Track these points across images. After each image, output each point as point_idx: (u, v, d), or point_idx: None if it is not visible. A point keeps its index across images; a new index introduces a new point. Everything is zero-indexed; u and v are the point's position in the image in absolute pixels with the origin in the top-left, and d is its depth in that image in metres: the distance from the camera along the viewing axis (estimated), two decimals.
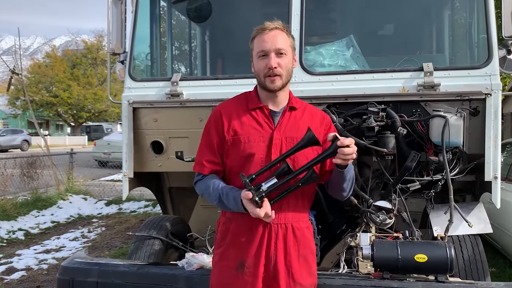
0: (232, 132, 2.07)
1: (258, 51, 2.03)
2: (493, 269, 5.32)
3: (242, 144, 2.04)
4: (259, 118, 2.08)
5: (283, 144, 2.03)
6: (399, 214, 3.23)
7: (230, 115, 2.10)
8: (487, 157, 3.07)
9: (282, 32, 2.04)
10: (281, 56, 2.02)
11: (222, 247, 2.11)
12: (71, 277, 2.85)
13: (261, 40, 2.03)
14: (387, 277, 2.56)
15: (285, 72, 2.04)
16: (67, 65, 44.60)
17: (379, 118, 3.12)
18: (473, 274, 3.04)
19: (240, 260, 2.03)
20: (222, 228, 2.14)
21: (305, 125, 2.07)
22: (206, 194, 2.11)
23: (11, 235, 7.64)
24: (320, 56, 3.56)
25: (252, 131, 2.05)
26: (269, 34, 2.02)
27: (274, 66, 1.99)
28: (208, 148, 2.13)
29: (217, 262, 2.14)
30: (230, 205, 1.99)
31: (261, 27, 2.05)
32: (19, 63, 13.23)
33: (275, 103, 2.11)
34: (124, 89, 3.78)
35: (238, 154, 2.04)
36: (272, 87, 2.03)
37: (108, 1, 3.98)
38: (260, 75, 2.05)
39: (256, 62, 2.07)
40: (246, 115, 2.10)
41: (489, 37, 3.18)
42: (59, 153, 12.32)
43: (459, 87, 3.14)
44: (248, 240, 2.03)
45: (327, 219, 3.56)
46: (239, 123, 2.07)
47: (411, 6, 4.09)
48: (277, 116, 2.10)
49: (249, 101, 2.14)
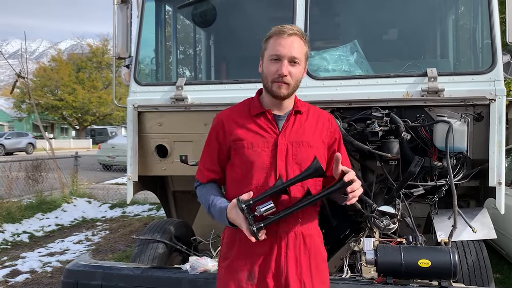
0: (234, 139, 1.99)
1: (272, 54, 1.93)
2: (497, 275, 5.29)
3: (245, 151, 1.96)
4: (263, 123, 2.00)
5: (289, 149, 1.96)
6: (402, 219, 3.23)
7: (232, 122, 2.03)
8: (491, 163, 3.07)
9: (300, 40, 1.95)
10: (294, 64, 1.93)
11: (229, 259, 2.00)
12: (76, 280, 2.86)
13: (277, 44, 1.92)
14: (390, 282, 2.56)
15: (294, 82, 1.95)
16: (72, 68, 44.93)
17: (383, 123, 3.12)
18: (477, 280, 3.03)
19: (249, 272, 1.93)
20: (228, 239, 2.04)
21: (310, 128, 2.02)
22: (202, 203, 2.11)
23: (16, 238, 7.67)
24: (324, 61, 3.57)
25: (256, 137, 1.97)
26: (287, 39, 1.92)
27: (285, 74, 1.90)
28: (208, 156, 2.11)
29: (223, 275, 2.02)
30: (218, 219, 1.95)
31: (279, 29, 1.94)
32: (25, 67, 13.34)
33: (279, 108, 2.03)
34: (129, 93, 3.81)
35: (242, 161, 1.97)
36: (278, 93, 1.94)
37: (114, 6, 4.01)
38: (268, 78, 1.96)
39: (266, 64, 1.97)
40: (248, 121, 2.01)
41: (493, 43, 3.18)
42: (64, 156, 12.37)
43: (463, 93, 3.14)
44: (257, 251, 1.93)
45: (331, 224, 3.56)
46: (242, 130, 2.00)
47: (415, 11, 4.10)
48: (282, 120, 2.01)
49: (251, 107, 2.05)
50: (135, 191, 3.80)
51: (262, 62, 2.01)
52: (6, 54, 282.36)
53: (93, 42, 50.23)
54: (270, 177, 1.94)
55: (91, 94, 43.57)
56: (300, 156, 1.98)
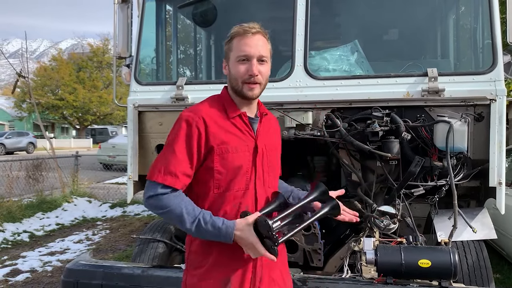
0: (218, 141, 1.87)
1: (239, 54, 1.88)
2: (497, 275, 5.29)
3: (230, 155, 1.88)
4: (241, 126, 1.94)
5: (264, 152, 1.96)
6: (403, 219, 3.23)
7: (214, 123, 1.90)
8: (492, 163, 3.07)
9: (264, 38, 1.92)
10: (262, 63, 1.91)
11: (204, 267, 1.91)
12: (76, 279, 2.87)
13: (243, 44, 1.88)
14: (391, 282, 2.56)
15: (264, 81, 1.94)
16: (72, 68, 44.97)
17: (383, 123, 3.12)
18: (477, 280, 3.03)
19: (226, 278, 1.88)
20: (202, 248, 1.92)
21: (274, 134, 2.08)
22: (171, 214, 1.82)
23: (16, 237, 7.68)
24: (324, 61, 3.57)
25: (238, 141, 1.91)
26: (252, 38, 1.88)
27: (256, 73, 1.87)
28: (186, 158, 1.86)
29: (196, 283, 1.93)
30: (210, 235, 1.80)
31: (243, 28, 1.90)
32: (26, 66, 13.35)
33: (250, 110, 1.99)
34: (130, 92, 3.81)
35: (226, 166, 1.88)
36: (250, 95, 1.91)
37: (115, 6, 4.02)
38: (238, 80, 1.90)
39: (233, 65, 1.91)
40: (229, 123, 1.92)
41: (494, 43, 3.18)
42: (64, 156, 12.37)
43: (464, 93, 3.14)
44: (236, 257, 1.88)
45: (331, 224, 3.57)
46: (225, 132, 1.89)
47: (416, 11, 4.10)
48: (255, 123, 1.98)
49: (227, 107, 1.95)
50: (135, 191, 3.80)
51: (228, 64, 1.97)
52: (7, 53, 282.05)
53: (94, 41, 50.33)
54: (250, 182, 1.91)
55: (92, 93, 43.60)
56: (272, 159, 2.01)
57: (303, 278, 2.66)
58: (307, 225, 1.89)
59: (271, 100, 3.43)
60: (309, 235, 3.32)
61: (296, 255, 3.35)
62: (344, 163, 3.43)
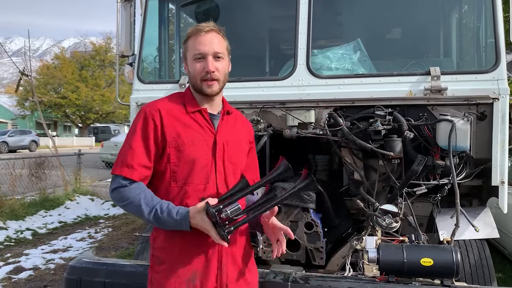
0: (174, 134, 1.92)
1: (195, 53, 1.95)
2: (499, 274, 5.28)
3: (186, 148, 1.91)
4: (200, 121, 1.98)
5: (225, 148, 1.99)
6: (405, 218, 3.23)
7: (171, 117, 1.95)
8: (494, 162, 3.07)
9: (218, 35, 1.99)
10: (218, 60, 1.97)
11: (166, 263, 1.93)
12: (79, 276, 2.87)
13: (197, 42, 1.95)
14: (393, 281, 2.56)
15: (223, 77, 1.99)
16: (75, 66, 45.04)
17: (386, 121, 3.12)
18: (479, 279, 3.03)
19: (192, 272, 1.90)
20: (165, 244, 1.95)
21: (239, 132, 2.10)
22: (131, 205, 1.88)
23: (19, 235, 7.70)
24: (327, 59, 3.57)
25: (195, 135, 1.94)
26: (205, 36, 1.95)
27: (212, 70, 1.93)
28: (143, 150, 1.90)
29: (160, 280, 1.94)
30: (169, 224, 1.83)
31: (196, 28, 1.98)
32: (29, 65, 13.38)
33: (211, 106, 2.04)
34: (133, 91, 3.82)
35: (182, 159, 1.91)
36: (209, 92, 1.96)
37: (118, 4, 4.02)
38: (196, 78, 1.96)
39: (191, 64, 1.98)
40: (186, 117, 1.97)
41: (497, 42, 3.18)
42: (67, 154, 12.40)
43: (466, 92, 3.14)
44: (200, 251, 1.91)
45: (333, 222, 3.57)
46: (181, 126, 1.94)
47: (418, 10, 4.09)
48: (216, 119, 2.03)
49: (186, 103, 2.01)
50: None
51: (186, 64, 2.03)
52: (10, 52, 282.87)
53: (96, 40, 50.35)
54: (210, 176, 1.94)
55: (94, 92, 43.66)
56: (234, 156, 2.04)
57: (305, 276, 2.66)
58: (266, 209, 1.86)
59: (273, 98, 3.44)
60: (311, 234, 3.32)
61: (298, 253, 3.36)
62: (346, 161, 3.43)
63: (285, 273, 2.68)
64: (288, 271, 2.71)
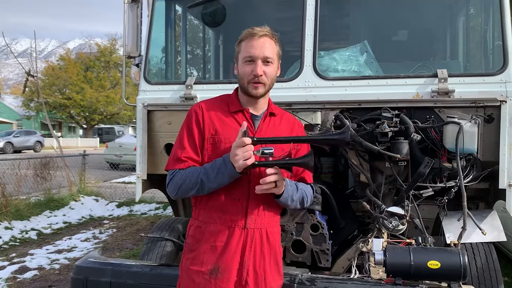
0: (213, 131, 2.05)
1: (245, 56, 2.03)
2: (506, 278, 5.25)
3: (222, 145, 2.03)
4: (240, 121, 2.06)
5: (262, 147, 2.01)
6: (411, 220, 3.21)
7: (212, 114, 2.09)
8: (502, 165, 3.05)
9: (270, 40, 2.05)
10: (267, 64, 2.03)
11: (195, 251, 2.06)
12: (85, 276, 2.88)
13: (249, 46, 2.02)
14: (399, 283, 2.54)
15: (269, 81, 2.06)
16: (80, 68, 45.29)
17: (393, 124, 3.11)
18: (486, 283, 3.01)
19: (215, 264, 1.99)
20: (196, 231, 2.09)
21: (282, 132, 2.15)
22: (183, 183, 2.01)
23: (24, 235, 7.74)
24: (333, 61, 3.57)
25: (234, 133, 2.01)
26: (258, 40, 2.01)
27: (260, 74, 2.00)
28: (190, 145, 2.07)
29: (188, 267, 2.07)
30: (216, 171, 1.93)
31: (250, 31, 2.04)
32: (35, 66, 13.44)
33: (255, 108, 2.12)
34: (139, 92, 3.82)
35: (218, 155, 2.01)
36: (254, 93, 2.04)
37: (124, 5, 4.03)
38: (244, 79, 2.05)
39: (241, 66, 2.06)
40: (227, 116, 2.09)
41: (505, 44, 3.16)
42: (72, 155, 12.44)
43: (474, 94, 3.12)
44: (225, 244, 2.00)
45: (339, 224, 3.56)
46: (221, 123, 2.07)
47: (425, 12, 4.09)
48: (258, 120, 2.12)
49: (230, 104, 2.13)
50: (144, 189, 3.82)
51: (237, 65, 2.11)
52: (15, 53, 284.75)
53: (101, 41, 50.61)
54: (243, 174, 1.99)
55: (99, 93, 43.87)
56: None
57: (311, 278, 2.66)
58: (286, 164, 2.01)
59: (280, 100, 3.42)
60: (317, 236, 3.31)
61: (304, 255, 3.35)
62: (352, 163, 3.42)
63: (291, 274, 2.67)
64: (294, 272, 2.71)
